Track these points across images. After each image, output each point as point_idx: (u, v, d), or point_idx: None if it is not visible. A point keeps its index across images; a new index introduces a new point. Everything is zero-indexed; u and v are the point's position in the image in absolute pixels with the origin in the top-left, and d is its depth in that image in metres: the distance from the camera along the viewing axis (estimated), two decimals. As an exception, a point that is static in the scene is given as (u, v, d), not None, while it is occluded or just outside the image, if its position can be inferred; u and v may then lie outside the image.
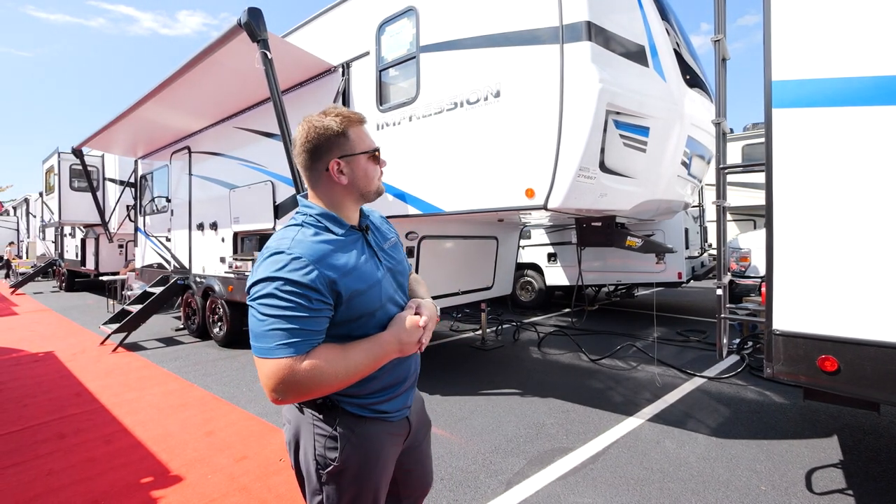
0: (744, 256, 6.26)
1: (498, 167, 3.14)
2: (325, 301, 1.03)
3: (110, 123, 6.07)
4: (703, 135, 3.79)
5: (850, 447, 2.96)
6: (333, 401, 1.14)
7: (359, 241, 1.17)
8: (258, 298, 1.01)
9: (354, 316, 1.09)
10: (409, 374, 1.27)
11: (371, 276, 1.13)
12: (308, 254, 1.03)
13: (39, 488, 2.60)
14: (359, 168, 1.16)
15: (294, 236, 1.08)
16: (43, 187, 12.87)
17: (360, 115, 1.19)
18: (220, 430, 3.36)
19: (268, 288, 1.00)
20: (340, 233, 1.13)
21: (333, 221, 1.14)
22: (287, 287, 0.99)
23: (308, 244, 1.06)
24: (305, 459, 1.16)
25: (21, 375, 4.75)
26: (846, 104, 1.88)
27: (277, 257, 1.02)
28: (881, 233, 1.81)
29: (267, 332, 0.99)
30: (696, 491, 2.50)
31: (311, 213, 1.14)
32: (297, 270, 1.00)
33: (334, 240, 1.11)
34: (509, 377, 4.53)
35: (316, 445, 1.14)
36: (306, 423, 1.16)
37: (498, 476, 2.68)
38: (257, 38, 3.42)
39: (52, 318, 8.50)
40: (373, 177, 1.19)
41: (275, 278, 1.00)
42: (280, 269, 1.00)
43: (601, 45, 2.81)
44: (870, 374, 1.83)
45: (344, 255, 1.09)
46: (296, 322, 0.98)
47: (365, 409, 1.17)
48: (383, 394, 1.19)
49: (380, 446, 1.18)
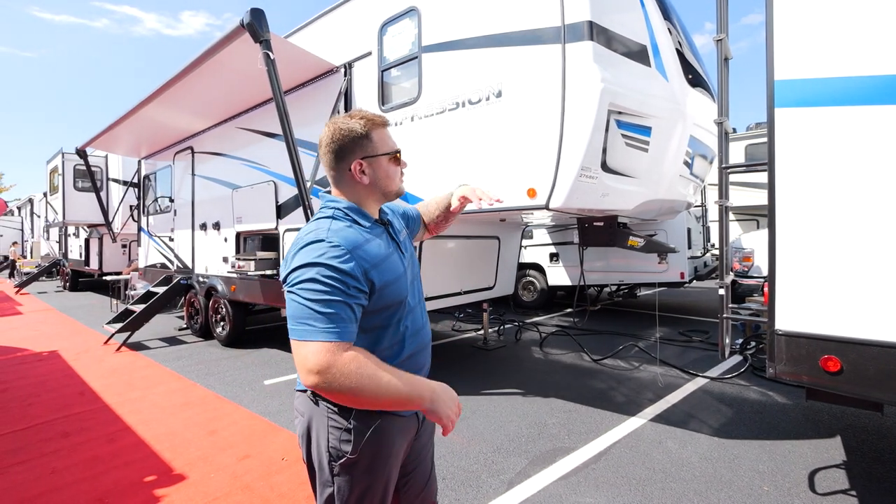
0: (747, 256, 6.24)
1: (500, 167, 3.14)
2: (362, 289, 1.07)
3: (114, 124, 6.09)
4: (705, 134, 3.78)
5: (853, 448, 2.95)
6: None
7: (384, 234, 1.23)
8: (299, 284, 1.05)
9: (384, 305, 1.14)
10: (426, 365, 1.31)
11: (398, 267, 1.19)
12: (345, 242, 1.08)
13: (44, 486, 2.62)
14: (380, 169, 1.22)
15: (329, 227, 1.13)
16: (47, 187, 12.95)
17: (383, 117, 1.25)
18: (223, 429, 3.38)
19: (309, 273, 1.04)
20: (367, 225, 1.19)
21: (360, 214, 1.20)
22: (328, 273, 1.03)
23: (344, 234, 1.11)
24: (318, 451, 1.18)
25: (26, 374, 4.78)
26: (849, 103, 1.88)
27: (317, 245, 1.07)
28: (884, 232, 1.80)
29: (310, 316, 1.02)
30: (699, 491, 2.50)
31: (339, 207, 1.19)
32: (337, 258, 1.05)
33: (364, 231, 1.17)
34: (511, 377, 4.53)
35: (330, 437, 1.16)
36: (320, 415, 1.18)
37: (500, 476, 2.68)
38: (260, 38, 3.43)
39: (56, 317, 8.54)
40: (393, 177, 1.25)
41: (316, 264, 1.04)
42: (321, 256, 1.05)
43: (603, 45, 2.80)
44: (872, 375, 1.82)
45: (374, 245, 1.15)
46: (336, 307, 1.02)
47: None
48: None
49: (392, 440, 1.20)
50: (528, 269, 8.29)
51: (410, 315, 1.23)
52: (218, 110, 5.62)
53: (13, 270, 16.76)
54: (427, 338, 1.32)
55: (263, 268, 5.20)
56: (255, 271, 5.16)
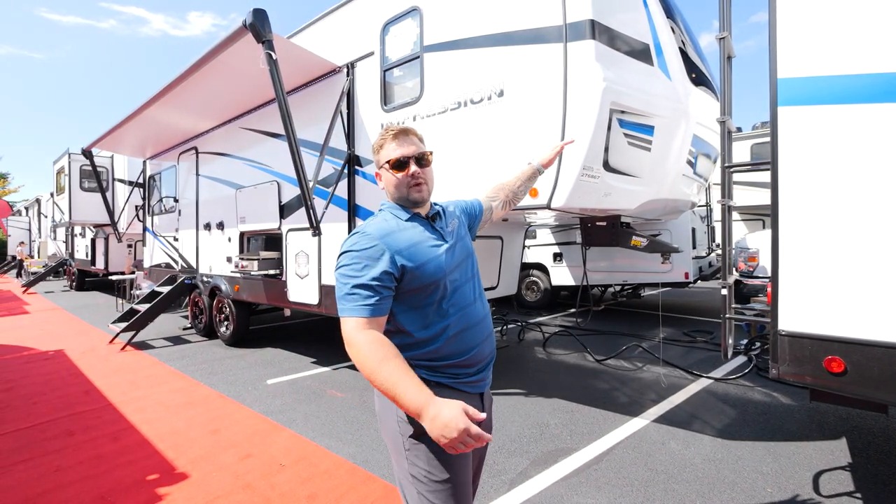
0: (752, 256, 6.19)
1: (501, 166, 3.13)
2: (388, 271, 1.21)
3: (119, 124, 6.13)
4: (708, 133, 3.76)
5: (859, 449, 2.92)
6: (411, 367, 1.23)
7: (421, 225, 1.36)
8: (338, 269, 1.25)
9: (422, 285, 1.26)
10: (478, 344, 1.35)
11: (432, 251, 1.30)
12: (375, 231, 1.26)
13: (48, 484, 2.63)
14: (386, 177, 1.39)
15: (370, 222, 1.34)
16: (54, 188, 13.05)
17: (397, 128, 1.38)
18: (226, 428, 3.39)
19: (343, 259, 1.25)
20: (405, 217, 1.35)
21: (398, 209, 1.38)
22: (357, 256, 1.22)
23: (376, 225, 1.30)
24: (388, 427, 1.29)
25: (31, 373, 4.82)
26: (853, 101, 1.86)
27: (354, 237, 1.27)
28: (888, 232, 1.78)
29: (343, 295, 1.21)
30: (701, 493, 2.48)
31: (384, 206, 1.41)
32: (366, 244, 1.23)
33: (399, 223, 1.33)
34: (514, 377, 4.52)
35: (397, 412, 1.25)
36: None
37: (501, 476, 2.68)
38: (262, 38, 3.44)
39: (62, 316, 8.61)
40: (397, 185, 1.36)
41: (348, 251, 1.25)
42: (353, 245, 1.25)
43: (605, 44, 2.79)
44: (877, 376, 1.80)
45: (406, 234, 1.30)
46: (363, 288, 1.18)
47: (441, 374, 1.28)
48: (455, 357, 1.30)
49: None
50: (532, 268, 8.27)
51: (456, 294, 1.32)
52: (222, 111, 5.65)
53: (20, 270, 16.91)
54: (478, 316, 1.36)
55: (267, 267, 5.22)
56: (258, 271, 5.18)
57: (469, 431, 1.02)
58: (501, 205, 1.80)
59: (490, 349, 1.41)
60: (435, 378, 1.28)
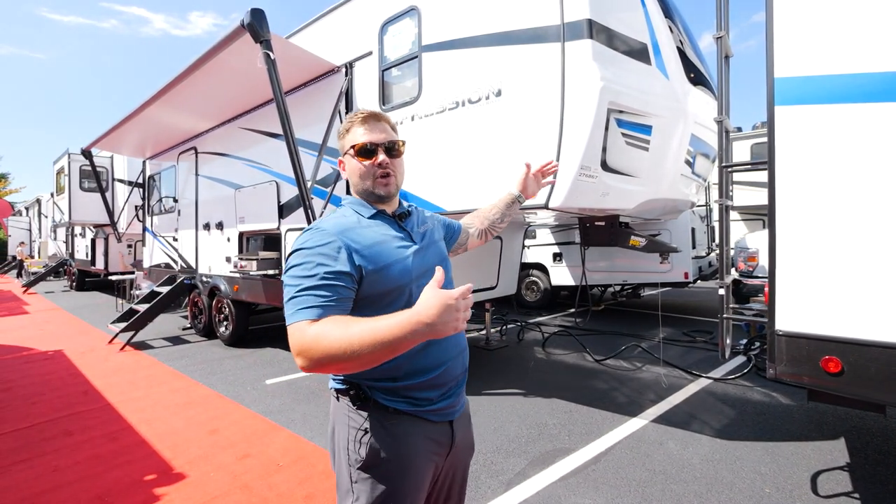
0: (751, 256, 6.19)
1: (499, 166, 3.13)
2: (346, 271, 1.04)
3: (118, 125, 6.13)
4: (707, 133, 3.75)
5: (857, 449, 2.91)
6: (365, 390, 1.12)
7: (386, 223, 1.21)
8: (286, 271, 1.07)
9: (381, 290, 1.10)
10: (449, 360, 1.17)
11: (396, 253, 1.14)
12: (331, 227, 1.10)
13: (45, 484, 2.63)
14: (350, 165, 1.23)
15: (326, 217, 1.19)
16: (54, 188, 13.06)
17: (367, 112, 1.23)
18: (225, 428, 3.39)
19: (292, 259, 1.07)
20: (368, 214, 1.20)
21: (362, 206, 1.22)
22: (309, 254, 1.05)
23: (334, 221, 1.14)
24: (338, 452, 1.14)
25: (31, 373, 4.82)
26: (850, 101, 1.85)
27: (306, 233, 1.11)
28: (885, 232, 1.78)
29: (290, 299, 1.02)
30: (699, 493, 2.47)
31: (347, 202, 1.26)
32: (320, 240, 1.07)
33: (360, 220, 1.18)
34: (513, 377, 4.52)
35: (348, 438, 1.11)
36: (341, 414, 1.14)
37: (499, 476, 2.67)
38: (260, 38, 3.44)
39: (62, 316, 8.62)
40: (362, 174, 1.20)
41: (299, 249, 1.08)
42: (305, 241, 1.08)
43: (602, 43, 2.79)
44: (874, 376, 1.80)
45: (367, 231, 1.14)
46: (314, 289, 1.00)
47: (398, 397, 1.11)
48: (418, 377, 1.12)
49: (413, 449, 1.11)
50: (532, 268, 8.27)
51: None
52: (221, 111, 5.65)
53: (20, 270, 16.93)
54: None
55: (266, 267, 5.22)
56: (257, 271, 5.18)
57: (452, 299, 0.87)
58: (478, 233, 1.61)
59: (462, 368, 1.23)
60: (394, 404, 1.12)
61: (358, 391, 1.12)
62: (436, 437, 1.16)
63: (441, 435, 1.17)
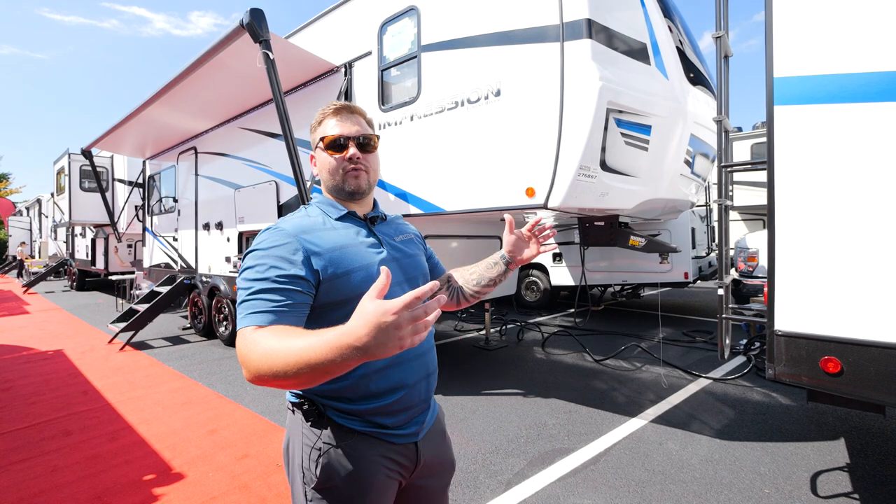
0: (752, 256, 6.19)
1: (498, 166, 3.13)
2: (302, 276, 0.95)
3: (118, 125, 6.14)
4: (706, 133, 3.75)
5: (858, 450, 2.91)
6: (319, 407, 1.04)
7: (355, 226, 1.12)
8: (240, 274, 0.99)
9: (341, 298, 1.00)
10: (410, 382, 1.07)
11: (361, 258, 1.04)
12: (289, 227, 1.02)
13: (44, 484, 2.63)
14: (321, 159, 1.16)
15: (287, 216, 1.10)
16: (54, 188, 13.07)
17: (340, 104, 1.16)
18: (224, 428, 3.39)
19: (246, 261, 0.99)
20: (335, 216, 1.12)
21: (330, 206, 1.14)
22: (263, 256, 0.97)
23: (294, 221, 1.06)
24: (293, 469, 1.06)
25: (30, 373, 4.82)
26: (850, 100, 1.85)
27: (263, 233, 1.03)
28: (885, 231, 1.77)
29: (239, 304, 0.94)
30: (698, 493, 2.47)
31: (314, 201, 1.17)
32: (276, 240, 0.99)
33: (326, 220, 1.09)
34: (512, 377, 4.51)
35: (303, 455, 1.03)
36: (296, 429, 1.07)
37: (497, 476, 2.67)
38: (259, 38, 3.44)
39: (62, 316, 8.62)
40: (332, 169, 1.12)
41: (253, 250, 0.99)
42: (260, 242, 1.00)
43: (602, 43, 2.78)
44: (873, 376, 1.79)
45: (332, 234, 1.06)
46: (265, 293, 0.92)
47: (356, 419, 1.03)
48: (374, 401, 1.03)
49: (371, 471, 1.03)
50: (532, 269, 8.26)
51: None
52: (220, 111, 5.65)
53: (21, 270, 16.94)
54: (416, 350, 1.08)
55: (265, 267, 5.21)
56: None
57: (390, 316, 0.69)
58: (449, 291, 1.36)
59: (426, 394, 1.12)
60: (349, 423, 1.02)
61: (311, 406, 1.04)
62: (397, 457, 1.07)
63: (404, 456, 1.08)
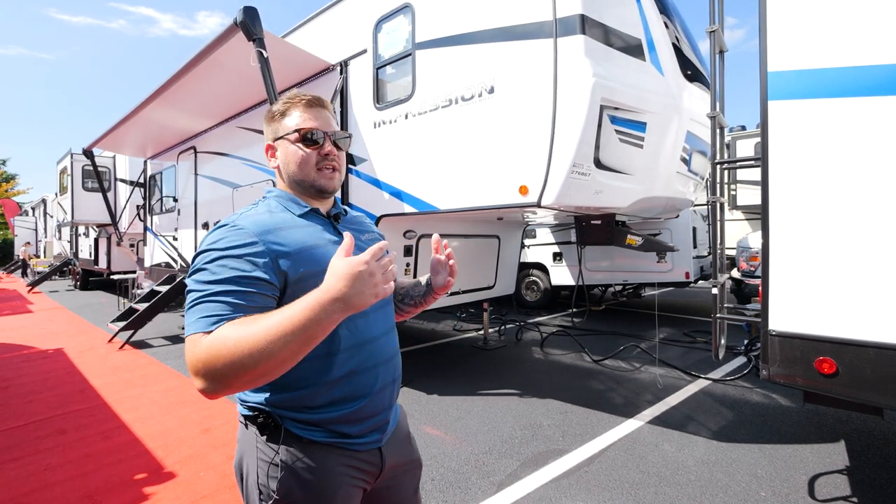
0: (753, 256, 6.12)
1: (491, 164, 3.10)
2: (266, 279, 0.89)
3: (117, 124, 6.16)
4: (704, 130, 3.70)
5: (857, 453, 2.86)
6: (276, 419, 0.99)
7: (320, 224, 1.07)
8: (190, 275, 0.91)
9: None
10: (376, 388, 1.04)
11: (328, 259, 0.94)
12: (251, 226, 0.94)
13: (36, 483, 2.63)
14: (288, 151, 1.06)
15: (245, 212, 1.01)
16: (57, 188, 13.15)
17: (310, 96, 1.09)
18: (217, 427, 3.38)
19: (198, 261, 0.91)
20: (298, 213, 1.05)
21: (292, 202, 1.06)
22: (220, 256, 0.89)
23: (255, 218, 0.97)
24: (247, 488, 1.00)
25: (29, 372, 4.84)
26: (845, 95, 1.81)
27: (218, 231, 0.94)
28: (881, 230, 1.73)
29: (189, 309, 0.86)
30: (693, 496, 2.43)
31: (272, 195, 1.08)
32: (234, 240, 0.91)
33: (289, 218, 1.02)
34: (509, 377, 4.48)
35: (259, 472, 0.98)
36: (250, 444, 1.00)
37: (490, 477, 2.64)
38: (253, 36, 3.42)
39: (64, 315, 8.67)
40: (302, 163, 1.05)
41: (208, 250, 0.90)
42: (216, 241, 0.91)
43: (595, 39, 2.75)
44: (869, 377, 1.75)
45: (296, 233, 0.99)
46: (221, 295, 0.85)
47: (317, 429, 0.99)
48: (338, 408, 0.99)
49: (334, 482, 0.99)
50: (532, 268, 8.22)
51: (357, 321, 1.01)
52: (218, 110, 5.65)
53: (25, 269, 17.07)
54: (383, 355, 1.07)
55: (263, 267, 5.21)
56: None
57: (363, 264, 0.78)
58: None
59: (390, 400, 1.09)
60: (308, 434, 0.98)
61: (267, 419, 0.99)
62: (361, 465, 1.04)
63: (368, 463, 1.05)
